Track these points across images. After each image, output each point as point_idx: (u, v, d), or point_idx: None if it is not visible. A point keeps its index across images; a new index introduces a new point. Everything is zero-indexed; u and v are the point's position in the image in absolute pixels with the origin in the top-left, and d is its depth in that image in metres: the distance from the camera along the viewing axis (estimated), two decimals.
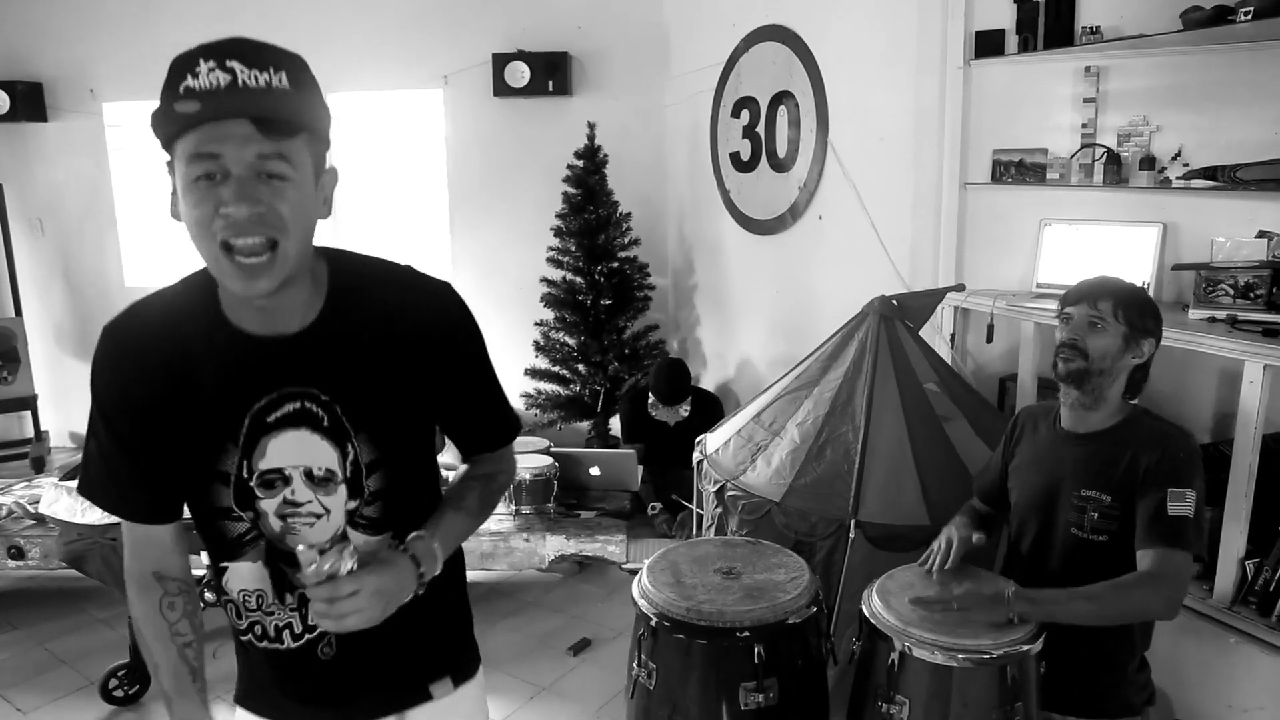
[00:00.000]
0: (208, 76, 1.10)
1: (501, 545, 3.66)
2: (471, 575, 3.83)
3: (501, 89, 5.19)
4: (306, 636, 1.39)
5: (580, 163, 4.90)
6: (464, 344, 1.39)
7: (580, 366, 5.03)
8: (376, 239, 5.46)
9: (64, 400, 5.93)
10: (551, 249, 4.97)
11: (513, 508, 3.82)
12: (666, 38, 5.32)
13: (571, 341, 5.02)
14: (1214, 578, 2.54)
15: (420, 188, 5.56)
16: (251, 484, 1.30)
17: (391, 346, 1.31)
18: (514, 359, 5.19)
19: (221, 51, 1.11)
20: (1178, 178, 2.86)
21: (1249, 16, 2.37)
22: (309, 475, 1.31)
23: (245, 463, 1.29)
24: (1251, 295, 2.62)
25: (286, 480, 1.30)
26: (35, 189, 5.69)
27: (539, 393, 5.07)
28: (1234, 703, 2.49)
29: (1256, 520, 2.47)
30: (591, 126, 4.88)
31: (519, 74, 5.17)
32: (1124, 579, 1.83)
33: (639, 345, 5.07)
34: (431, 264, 1.84)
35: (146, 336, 1.29)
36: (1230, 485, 2.46)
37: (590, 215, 4.88)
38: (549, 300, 4.98)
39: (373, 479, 1.34)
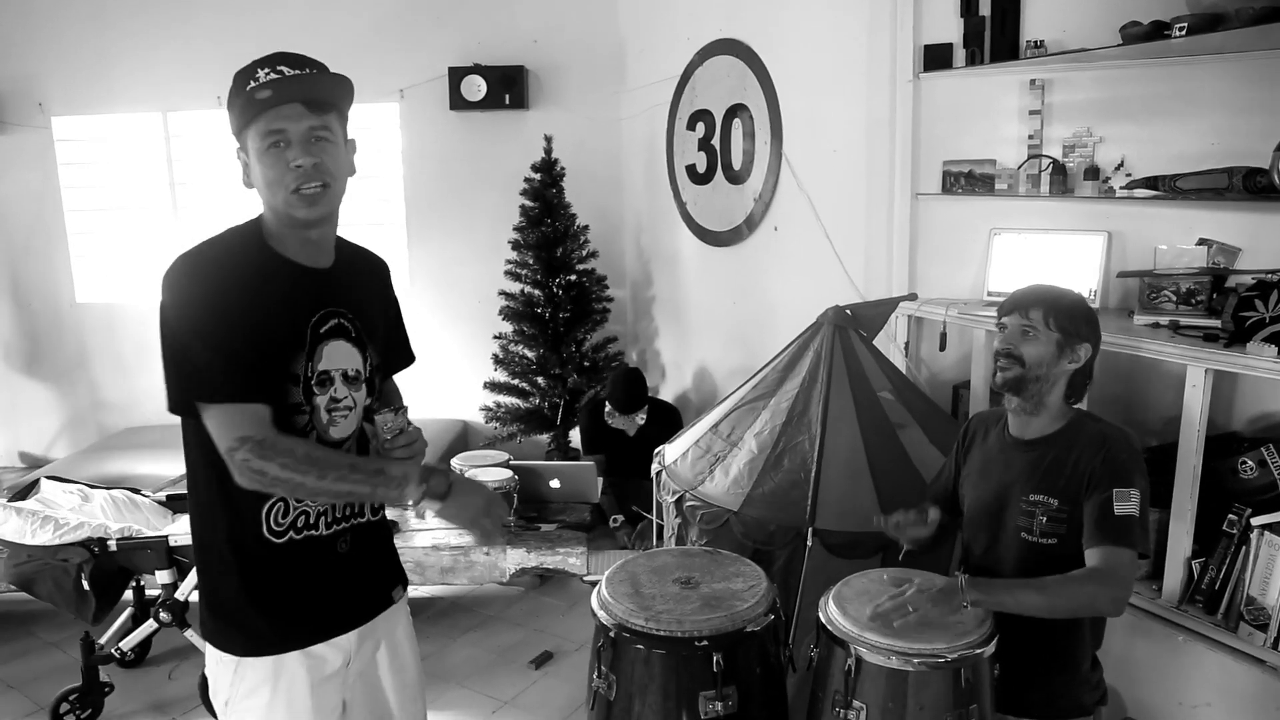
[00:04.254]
0: (268, 75, 1.57)
1: (462, 559, 3.64)
2: (432, 590, 3.86)
3: (458, 103, 5.19)
4: (336, 526, 1.76)
5: (537, 176, 4.90)
6: (392, 292, 1.97)
7: (539, 379, 5.02)
8: None
9: (12, 419, 5.80)
10: (509, 262, 4.96)
11: None
12: (622, 51, 5.35)
13: (530, 354, 5.00)
14: (1162, 578, 2.60)
15: (376, 202, 5.52)
16: (312, 383, 1.67)
17: (369, 285, 1.87)
18: (473, 372, 5.17)
19: (272, 60, 1.60)
20: (1121, 187, 2.92)
21: (1183, 32, 2.44)
22: (345, 376, 1.73)
23: (309, 364, 1.66)
24: (1193, 301, 2.69)
25: (331, 380, 1.70)
26: None
27: (498, 406, 5.05)
28: (1184, 700, 2.54)
29: (1201, 520, 2.53)
30: (548, 140, 4.88)
31: (475, 88, 5.18)
32: (1073, 574, 1.87)
33: (598, 357, 5.07)
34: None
35: (226, 263, 1.62)
36: (1175, 486, 2.52)
37: (548, 228, 4.88)
38: (507, 313, 4.97)
39: (376, 380, 1.83)
